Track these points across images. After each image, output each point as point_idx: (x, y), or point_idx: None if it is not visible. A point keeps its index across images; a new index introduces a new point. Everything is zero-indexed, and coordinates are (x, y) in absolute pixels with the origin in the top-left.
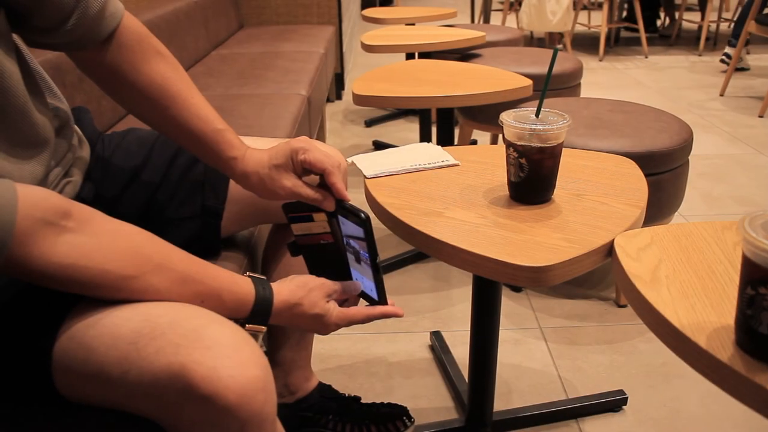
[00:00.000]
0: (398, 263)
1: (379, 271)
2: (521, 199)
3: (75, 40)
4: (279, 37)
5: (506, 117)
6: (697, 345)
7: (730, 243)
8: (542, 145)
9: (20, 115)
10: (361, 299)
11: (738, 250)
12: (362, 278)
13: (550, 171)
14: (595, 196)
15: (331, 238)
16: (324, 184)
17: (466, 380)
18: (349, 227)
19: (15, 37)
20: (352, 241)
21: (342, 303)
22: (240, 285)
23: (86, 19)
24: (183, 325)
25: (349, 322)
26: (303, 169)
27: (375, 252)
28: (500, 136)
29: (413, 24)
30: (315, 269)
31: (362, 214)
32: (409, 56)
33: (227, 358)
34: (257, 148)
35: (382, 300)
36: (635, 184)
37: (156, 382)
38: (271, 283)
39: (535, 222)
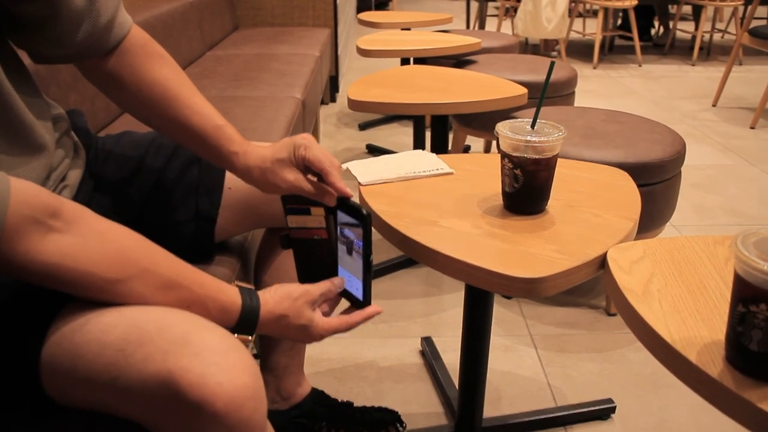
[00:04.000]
0: (389, 268)
1: (369, 269)
2: (515, 210)
3: (84, 50)
4: (274, 39)
5: (502, 128)
6: (687, 360)
7: (721, 258)
8: (537, 156)
9: (10, 112)
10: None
11: (729, 266)
12: (350, 277)
13: (545, 182)
14: (589, 208)
15: (325, 234)
16: (323, 182)
17: (456, 386)
18: (348, 220)
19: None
20: (347, 231)
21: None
22: (226, 293)
23: (97, 29)
24: (171, 331)
25: (335, 332)
26: (304, 165)
27: (369, 250)
28: (494, 142)
29: (409, 29)
30: (302, 265)
31: (364, 211)
32: (404, 61)
33: (215, 365)
34: (260, 145)
35: (366, 300)
36: (629, 196)
37: (144, 389)
38: (258, 292)
39: (529, 233)
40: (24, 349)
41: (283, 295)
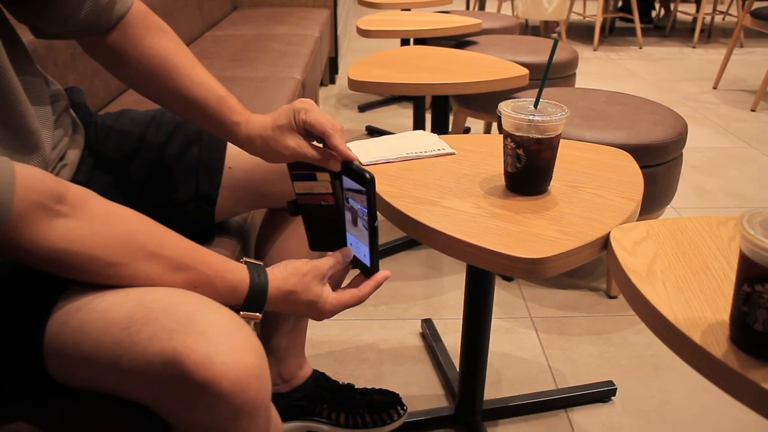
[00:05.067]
0: (390, 250)
1: (375, 235)
2: (518, 190)
3: (86, 27)
4: (273, 19)
5: (505, 107)
6: (691, 340)
7: (725, 238)
8: (540, 136)
9: (11, 94)
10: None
11: (733, 246)
12: (357, 243)
13: (548, 162)
14: (591, 189)
15: (331, 199)
16: (326, 146)
17: (457, 368)
18: (351, 184)
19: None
20: (351, 200)
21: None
22: (234, 272)
23: (99, 6)
24: (176, 311)
25: (345, 307)
26: (305, 130)
27: (374, 215)
28: (494, 124)
29: (409, 9)
30: (312, 231)
31: (367, 174)
32: (404, 42)
33: (221, 345)
34: (260, 114)
35: (374, 267)
36: (631, 177)
37: (149, 368)
38: (266, 269)
39: (532, 213)
40: (27, 328)
41: (291, 271)
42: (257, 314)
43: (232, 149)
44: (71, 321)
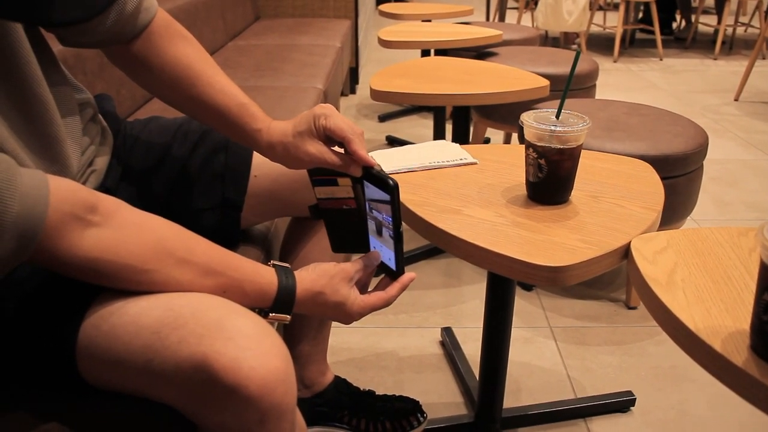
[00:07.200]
0: (410, 259)
1: (400, 240)
2: (539, 200)
3: (111, 37)
4: (295, 29)
5: (527, 118)
6: (712, 348)
7: (745, 249)
8: (562, 146)
9: (45, 105)
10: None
11: (754, 257)
12: (382, 247)
13: (569, 172)
14: (612, 199)
15: (354, 203)
16: (347, 152)
17: (476, 377)
18: (374, 193)
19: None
20: (375, 211)
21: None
22: (262, 275)
23: (123, 17)
24: (205, 315)
25: (372, 309)
26: (326, 136)
27: (399, 221)
28: (513, 134)
29: (429, 20)
30: (334, 234)
31: (391, 181)
32: (425, 53)
33: (249, 350)
34: (281, 121)
35: (399, 270)
36: (651, 187)
37: (178, 371)
38: (295, 271)
39: (553, 222)
40: (61, 331)
41: (319, 273)
42: (286, 316)
43: (257, 158)
44: (104, 325)
